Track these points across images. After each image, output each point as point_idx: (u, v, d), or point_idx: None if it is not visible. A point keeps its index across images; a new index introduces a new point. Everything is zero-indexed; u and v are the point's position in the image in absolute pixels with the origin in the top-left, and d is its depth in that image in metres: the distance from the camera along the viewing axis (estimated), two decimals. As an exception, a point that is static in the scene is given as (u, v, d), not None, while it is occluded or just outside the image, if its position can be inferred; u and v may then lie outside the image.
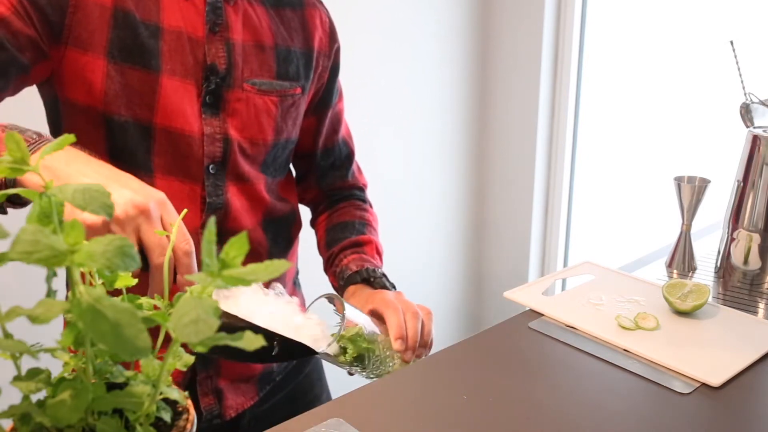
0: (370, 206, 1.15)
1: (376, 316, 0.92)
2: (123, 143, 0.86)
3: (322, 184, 1.12)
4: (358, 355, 0.83)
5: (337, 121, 1.10)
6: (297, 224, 1.08)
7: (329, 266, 1.07)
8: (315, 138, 1.07)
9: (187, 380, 0.95)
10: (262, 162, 0.96)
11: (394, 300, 0.92)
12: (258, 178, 0.96)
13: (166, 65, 0.85)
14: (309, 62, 0.98)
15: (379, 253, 1.08)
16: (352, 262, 1.02)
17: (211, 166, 0.90)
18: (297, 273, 1.15)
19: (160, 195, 0.70)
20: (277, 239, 1.02)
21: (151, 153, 0.87)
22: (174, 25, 0.85)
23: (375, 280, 0.99)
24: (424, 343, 0.92)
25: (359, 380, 0.86)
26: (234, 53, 0.89)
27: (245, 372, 1.00)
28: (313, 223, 1.15)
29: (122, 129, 0.85)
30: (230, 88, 0.89)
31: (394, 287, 1.01)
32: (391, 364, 0.88)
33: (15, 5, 0.79)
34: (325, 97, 1.05)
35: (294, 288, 1.12)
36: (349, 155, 1.13)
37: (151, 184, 0.87)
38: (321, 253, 1.10)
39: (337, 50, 1.04)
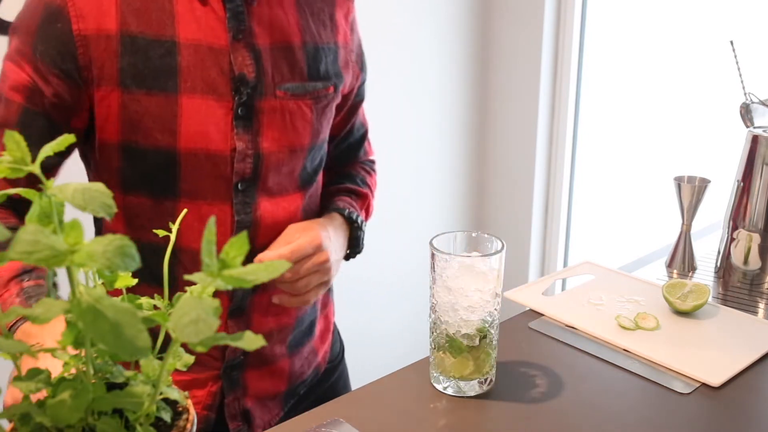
0: (375, 173, 1.11)
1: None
2: (142, 172, 0.83)
3: (334, 165, 1.06)
4: None
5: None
6: None
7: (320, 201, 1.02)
8: (338, 128, 1.03)
9: (216, 405, 0.93)
10: (302, 168, 0.91)
11: (307, 239, 0.86)
12: (291, 188, 0.91)
13: (185, 83, 0.80)
14: (336, 59, 0.93)
15: (368, 212, 1.05)
16: (341, 202, 0.99)
17: (239, 184, 0.85)
18: None
19: None
20: None
21: (177, 179, 0.83)
22: (191, 37, 0.80)
23: (354, 225, 0.97)
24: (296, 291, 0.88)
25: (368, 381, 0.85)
26: (262, 59, 0.83)
27: (272, 389, 0.97)
28: None
29: (142, 158, 0.82)
30: (262, 97, 0.83)
31: (361, 242, 1.00)
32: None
33: (32, 75, 0.78)
34: (359, 95, 1.02)
35: (327, 293, 1.08)
36: (364, 134, 1.09)
37: (176, 208, 0.84)
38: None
39: (359, 44, 1.01)
